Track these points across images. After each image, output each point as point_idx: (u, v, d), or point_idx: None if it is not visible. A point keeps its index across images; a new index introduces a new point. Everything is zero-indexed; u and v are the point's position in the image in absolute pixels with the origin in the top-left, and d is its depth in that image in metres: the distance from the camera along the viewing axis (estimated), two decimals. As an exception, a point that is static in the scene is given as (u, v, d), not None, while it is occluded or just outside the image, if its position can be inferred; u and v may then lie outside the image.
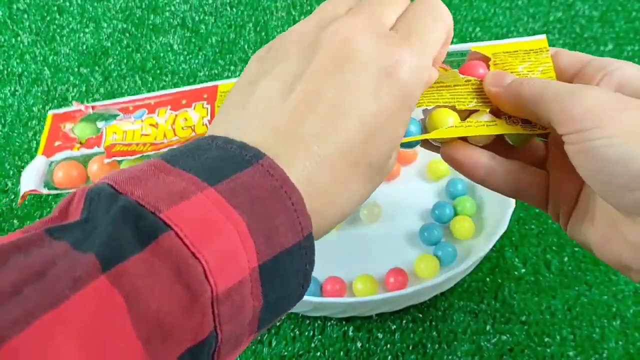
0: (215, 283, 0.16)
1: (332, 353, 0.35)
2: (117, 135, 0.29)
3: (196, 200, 0.16)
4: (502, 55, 0.27)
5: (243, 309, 0.17)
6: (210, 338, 0.16)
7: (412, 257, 0.37)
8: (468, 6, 0.55)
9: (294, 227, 0.18)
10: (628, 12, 0.54)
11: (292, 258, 0.18)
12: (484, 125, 0.25)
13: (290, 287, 0.19)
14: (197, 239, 0.16)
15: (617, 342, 0.35)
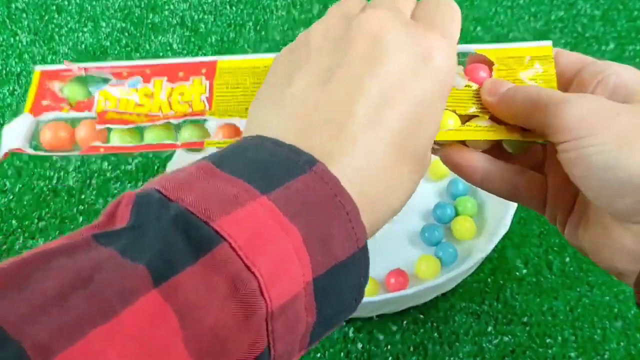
0: (270, 298, 0.15)
1: (332, 354, 0.34)
2: (109, 102, 0.28)
3: (250, 209, 0.16)
4: (506, 60, 0.27)
5: (297, 325, 0.16)
6: (263, 355, 0.16)
7: (413, 257, 0.37)
8: (469, 5, 0.55)
9: (349, 237, 0.17)
10: (630, 11, 0.54)
11: (348, 270, 0.17)
12: (484, 130, 0.25)
13: (345, 302, 0.18)
14: (251, 251, 0.15)
15: (618, 343, 0.35)
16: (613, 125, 0.21)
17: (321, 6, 0.56)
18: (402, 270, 0.36)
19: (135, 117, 0.27)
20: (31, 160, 0.44)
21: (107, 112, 0.27)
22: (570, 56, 0.25)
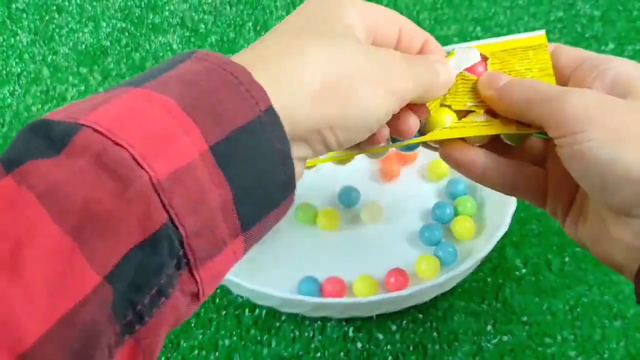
0: (151, 167, 0.14)
1: (332, 354, 0.34)
2: None
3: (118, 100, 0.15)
4: (500, 54, 0.27)
5: (204, 197, 0.15)
6: (165, 231, 0.14)
7: (413, 257, 0.37)
8: (468, 5, 0.55)
9: (245, 101, 0.16)
10: (629, 12, 0.54)
11: (254, 135, 0.16)
12: (480, 125, 0.26)
13: (264, 171, 0.17)
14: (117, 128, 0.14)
15: (618, 342, 0.35)
16: (609, 121, 0.21)
17: (321, 6, 0.56)
18: (401, 269, 0.36)
19: None
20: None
21: None
22: (570, 51, 0.26)
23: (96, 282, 0.13)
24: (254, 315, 0.36)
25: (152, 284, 0.15)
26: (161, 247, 0.14)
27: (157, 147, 0.14)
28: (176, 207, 0.14)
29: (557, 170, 0.25)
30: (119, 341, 0.14)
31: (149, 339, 0.15)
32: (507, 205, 0.36)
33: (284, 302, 0.34)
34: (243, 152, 0.16)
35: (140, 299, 0.14)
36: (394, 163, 0.42)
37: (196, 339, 0.35)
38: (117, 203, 0.14)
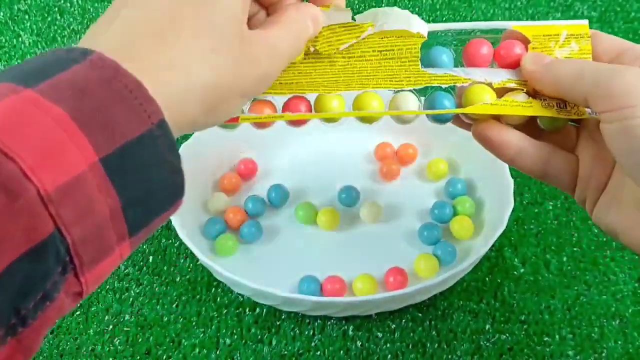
0: (40, 181, 0.14)
1: (332, 352, 0.35)
2: None
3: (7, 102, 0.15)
4: (541, 39, 0.27)
5: (92, 207, 0.15)
6: (52, 241, 0.15)
7: (412, 256, 0.37)
8: (467, 7, 0.56)
9: (137, 115, 0.16)
10: (627, 13, 0.54)
11: (144, 148, 0.17)
12: (520, 105, 0.25)
13: (155, 181, 0.17)
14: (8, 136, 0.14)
15: (616, 341, 0.35)
16: None
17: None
18: (401, 269, 0.36)
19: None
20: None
21: None
22: (610, 40, 0.25)
23: None
24: (255, 314, 0.36)
25: (37, 290, 0.15)
26: (47, 255, 0.15)
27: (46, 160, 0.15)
28: (63, 217, 0.15)
29: (590, 156, 0.25)
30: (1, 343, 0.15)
31: (31, 339, 0.16)
32: (505, 205, 0.36)
33: (284, 301, 0.34)
34: (133, 163, 0.16)
35: (25, 304, 0.15)
36: (393, 163, 0.43)
37: (197, 338, 0.35)
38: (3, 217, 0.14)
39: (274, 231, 0.40)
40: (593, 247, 0.39)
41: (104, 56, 0.17)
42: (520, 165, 0.26)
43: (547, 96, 0.26)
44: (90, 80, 0.16)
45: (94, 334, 0.35)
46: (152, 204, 0.17)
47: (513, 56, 0.26)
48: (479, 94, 0.26)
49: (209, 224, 0.39)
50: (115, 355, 0.35)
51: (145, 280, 0.38)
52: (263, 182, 0.42)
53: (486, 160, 0.34)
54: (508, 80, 0.26)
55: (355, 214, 0.40)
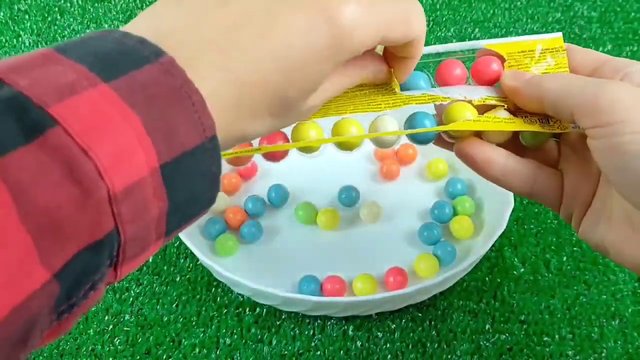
0: (111, 181, 0.15)
1: (332, 352, 0.35)
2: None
3: (88, 95, 0.16)
4: (517, 56, 0.26)
5: (146, 209, 0.17)
6: (110, 237, 0.16)
7: (412, 256, 0.37)
8: (467, 7, 0.56)
9: (195, 127, 0.17)
10: (627, 13, 0.54)
11: (196, 159, 0.18)
12: (503, 121, 0.25)
13: (197, 190, 0.18)
14: (88, 136, 0.15)
15: (615, 341, 0.35)
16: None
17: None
18: (401, 269, 0.36)
19: None
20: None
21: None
22: (586, 53, 0.25)
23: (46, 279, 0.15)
24: (255, 314, 0.36)
25: (88, 281, 0.16)
26: (104, 249, 0.16)
27: (118, 162, 0.16)
28: (123, 216, 0.16)
29: (574, 171, 0.25)
30: (50, 326, 0.16)
31: (69, 323, 0.17)
32: (505, 205, 0.36)
33: (284, 301, 0.34)
34: (185, 172, 0.17)
35: (77, 293, 0.16)
36: (393, 163, 0.43)
37: (197, 338, 0.35)
38: (77, 212, 0.15)
39: (274, 231, 0.40)
40: (593, 247, 0.39)
41: (175, 62, 0.18)
42: (507, 183, 0.25)
43: (529, 112, 0.25)
44: (161, 85, 0.17)
45: (94, 334, 0.35)
46: (190, 210, 0.18)
47: (490, 73, 0.26)
48: (459, 112, 0.25)
49: (209, 224, 0.39)
50: (115, 355, 0.35)
51: (145, 280, 0.38)
52: (263, 182, 0.42)
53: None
54: (487, 97, 0.26)
55: (355, 214, 0.40)
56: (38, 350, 0.35)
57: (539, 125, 0.25)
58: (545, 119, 0.25)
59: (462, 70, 0.26)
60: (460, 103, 0.25)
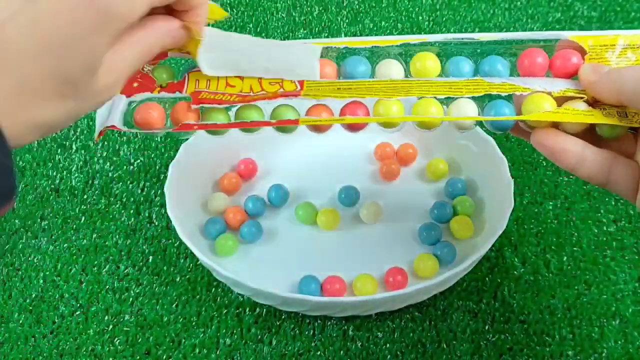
0: None
1: (332, 352, 0.35)
2: (200, 82, 0.29)
3: None
4: (598, 49, 0.27)
5: None
6: None
7: (412, 256, 0.37)
8: (467, 7, 0.56)
9: None
10: (627, 13, 0.54)
11: None
12: (581, 114, 0.26)
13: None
14: None
15: (616, 341, 0.35)
16: None
17: (321, 8, 0.56)
18: (401, 268, 0.36)
19: (228, 97, 0.28)
20: (34, 160, 0.45)
21: (201, 93, 0.28)
22: None
23: None
24: (255, 314, 0.36)
25: None
26: None
27: None
28: None
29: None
30: None
31: None
32: (505, 205, 0.36)
33: (284, 301, 0.34)
34: None
35: None
36: (393, 163, 0.43)
37: (197, 338, 0.35)
38: None
39: (274, 231, 0.40)
40: (593, 246, 0.39)
41: None
42: (582, 173, 0.26)
43: (607, 105, 0.26)
44: None
45: (94, 334, 0.35)
46: None
47: (570, 66, 0.27)
48: (539, 102, 0.26)
49: (209, 224, 0.39)
50: (115, 355, 0.35)
51: (145, 280, 0.38)
52: (263, 182, 0.42)
53: (486, 160, 0.34)
54: (567, 90, 0.26)
55: (355, 214, 0.40)
56: (37, 350, 0.35)
57: (617, 118, 0.25)
58: (623, 113, 0.26)
59: (544, 59, 0.27)
60: (539, 94, 0.26)
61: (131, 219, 0.41)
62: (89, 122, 0.47)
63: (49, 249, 0.39)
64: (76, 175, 0.44)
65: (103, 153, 0.45)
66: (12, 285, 0.38)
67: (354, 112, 0.28)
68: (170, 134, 0.47)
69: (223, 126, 0.29)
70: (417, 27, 0.54)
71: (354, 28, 0.54)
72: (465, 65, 0.28)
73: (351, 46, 0.29)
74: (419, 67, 0.28)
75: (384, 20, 0.55)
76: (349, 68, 0.28)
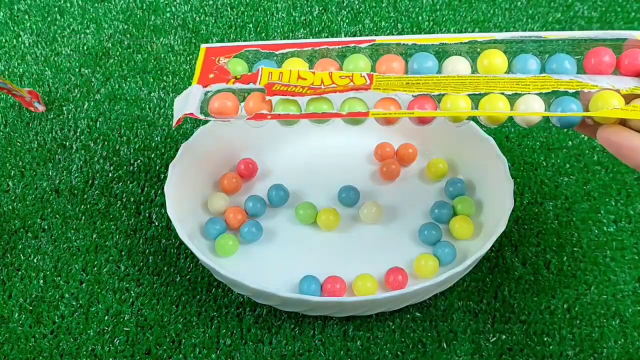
0: None
1: (332, 352, 0.35)
2: (273, 75, 0.30)
3: None
4: None
5: None
6: None
7: (412, 256, 0.37)
8: (467, 7, 0.56)
9: None
10: (627, 13, 0.54)
11: None
12: None
13: None
14: None
15: (616, 341, 0.35)
16: None
17: (320, 8, 0.56)
18: (401, 269, 0.36)
19: (300, 89, 0.29)
20: (34, 160, 0.45)
21: (274, 85, 0.30)
22: None
23: None
24: (255, 314, 0.36)
25: None
26: None
27: None
28: None
29: None
30: None
31: None
32: (505, 205, 0.36)
33: (284, 301, 0.34)
34: None
35: None
36: (393, 163, 0.43)
37: (198, 338, 0.35)
38: None
39: (274, 231, 0.40)
40: (593, 247, 0.39)
41: None
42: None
43: None
44: None
45: (94, 334, 0.35)
46: None
47: (638, 65, 0.27)
48: (607, 99, 0.26)
49: (209, 224, 0.39)
50: (116, 355, 0.35)
51: (145, 280, 0.38)
52: (263, 182, 0.42)
53: (486, 160, 0.34)
54: (635, 88, 0.27)
55: (355, 214, 0.40)
56: (38, 350, 0.35)
57: None
58: None
59: (611, 57, 0.28)
60: (607, 91, 0.27)
61: (131, 219, 0.41)
62: (89, 122, 0.47)
63: (49, 249, 0.39)
64: (76, 175, 0.44)
65: (103, 153, 0.45)
66: (12, 285, 0.38)
67: (422, 106, 0.28)
68: (171, 133, 0.47)
69: (295, 117, 0.30)
70: (417, 27, 0.54)
71: (354, 28, 0.54)
72: (532, 62, 0.28)
73: (419, 43, 0.29)
74: (486, 64, 0.28)
75: (384, 20, 0.55)
76: (417, 64, 0.29)
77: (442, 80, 0.29)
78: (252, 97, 0.30)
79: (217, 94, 0.31)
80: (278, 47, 0.31)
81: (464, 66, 0.29)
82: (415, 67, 0.30)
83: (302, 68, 0.30)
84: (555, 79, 0.27)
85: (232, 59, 0.31)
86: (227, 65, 0.31)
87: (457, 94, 0.28)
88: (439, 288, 0.35)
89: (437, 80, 0.29)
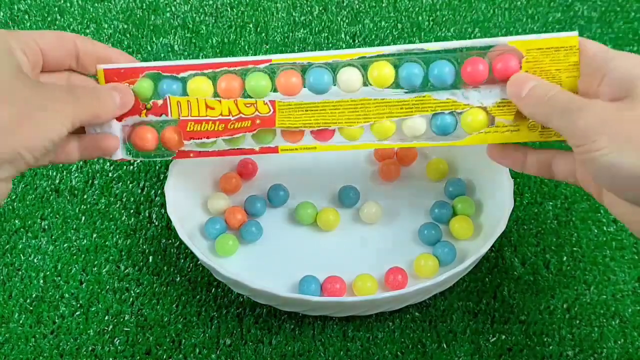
0: None
1: (332, 352, 0.35)
2: (182, 105, 0.32)
3: None
4: (534, 53, 0.30)
5: None
6: None
7: (412, 256, 0.37)
8: (467, 7, 0.56)
9: None
10: (627, 13, 0.54)
11: None
12: (509, 130, 0.31)
13: None
14: None
15: (615, 341, 0.35)
16: (614, 131, 0.25)
17: (321, 7, 0.56)
18: (401, 269, 0.36)
19: (213, 125, 0.32)
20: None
21: (187, 124, 0.32)
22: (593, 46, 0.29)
23: None
24: (255, 314, 0.36)
25: None
26: None
27: None
28: None
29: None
30: None
31: None
32: (505, 205, 0.36)
33: (284, 301, 0.34)
34: None
35: None
36: (393, 163, 0.43)
37: (197, 338, 0.35)
38: None
39: (274, 231, 0.40)
40: (593, 247, 0.39)
41: None
42: (530, 173, 0.32)
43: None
44: None
45: (94, 334, 0.35)
46: None
47: (509, 69, 0.30)
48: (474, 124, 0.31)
49: (209, 224, 0.39)
50: (116, 355, 0.35)
51: (145, 280, 0.38)
52: (263, 182, 0.43)
53: (486, 160, 0.34)
54: (501, 101, 0.31)
55: (355, 214, 0.40)
56: (38, 350, 0.35)
57: (539, 133, 0.31)
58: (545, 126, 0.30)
59: (485, 66, 0.30)
60: (475, 114, 0.31)
61: (131, 219, 0.41)
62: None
63: (49, 249, 0.39)
64: (76, 175, 0.44)
65: (103, 153, 0.45)
66: (12, 285, 0.38)
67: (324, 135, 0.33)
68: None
69: (215, 154, 0.33)
70: (417, 27, 0.54)
71: (354, 28, 0.54)
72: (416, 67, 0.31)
73: (313, 61, 0.32)
74: (376, 75, 0.31)
75: (384, 20, 0.55)
76: (313, 78, 0.32)
77: (337, 105, 0.32)
78: (167, 133, 0.33)
79: (136, 128, 0.33)
80: (179, 69, 0.32)
81: (356, 77, 0.32)
82: (311, 81, 0.32)
83: (206, 86, 0.32)
84: (434, 100, 0.31)
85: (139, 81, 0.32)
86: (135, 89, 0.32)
87: (350, 126, 0.32)
88: (438, 288, 0.35)
89: (333, 107, 0.32)
